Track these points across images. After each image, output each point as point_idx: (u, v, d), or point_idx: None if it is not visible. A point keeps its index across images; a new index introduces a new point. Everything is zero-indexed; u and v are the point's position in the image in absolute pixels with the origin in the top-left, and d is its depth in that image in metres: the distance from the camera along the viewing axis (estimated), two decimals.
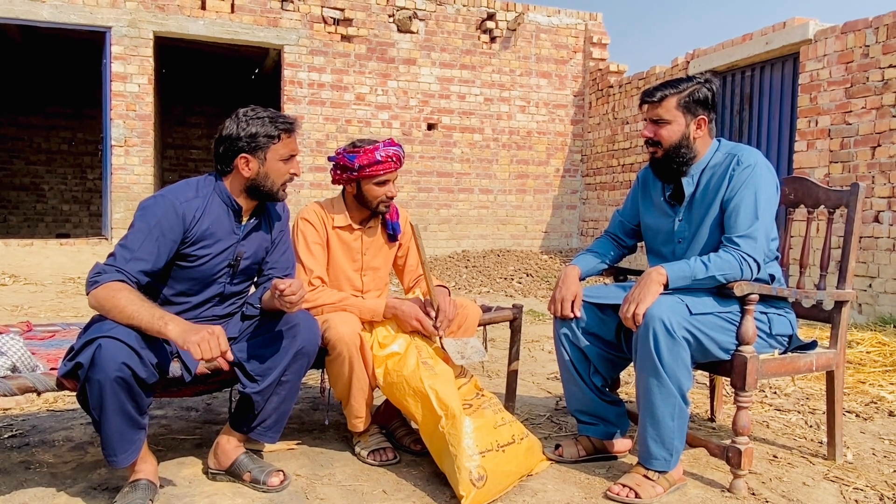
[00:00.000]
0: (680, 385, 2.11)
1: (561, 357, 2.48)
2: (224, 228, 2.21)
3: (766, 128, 7.34)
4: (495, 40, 9.87)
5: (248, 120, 2.17)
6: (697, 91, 2.30)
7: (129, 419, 1.91)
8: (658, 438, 2.14)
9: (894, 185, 5.63)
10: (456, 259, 9.13)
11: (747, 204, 2.21)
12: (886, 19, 5.72)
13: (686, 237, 2.38)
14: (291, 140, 2.23)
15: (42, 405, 3.05)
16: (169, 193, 2.13)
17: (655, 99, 2.31)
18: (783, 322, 2.35)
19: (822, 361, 2.42)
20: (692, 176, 2.35)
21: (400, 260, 2.79)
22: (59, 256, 8.09)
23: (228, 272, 2.26)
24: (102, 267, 1.98)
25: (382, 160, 2.47)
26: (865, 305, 5.84)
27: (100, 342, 1.82)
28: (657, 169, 2.40)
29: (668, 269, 2.17)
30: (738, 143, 2.35)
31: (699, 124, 2.31)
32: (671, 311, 2.09)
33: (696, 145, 2.33)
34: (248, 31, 8.68)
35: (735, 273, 2.16)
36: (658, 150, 2.34)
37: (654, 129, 2.33)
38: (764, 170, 2.25)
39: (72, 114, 12.42)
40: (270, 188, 2.22)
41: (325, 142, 9.08)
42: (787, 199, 2.67)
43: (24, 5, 7.81)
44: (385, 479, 2.29)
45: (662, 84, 2.34)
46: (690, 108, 2.30)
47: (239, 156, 2.17)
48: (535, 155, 10.26)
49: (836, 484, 2.32)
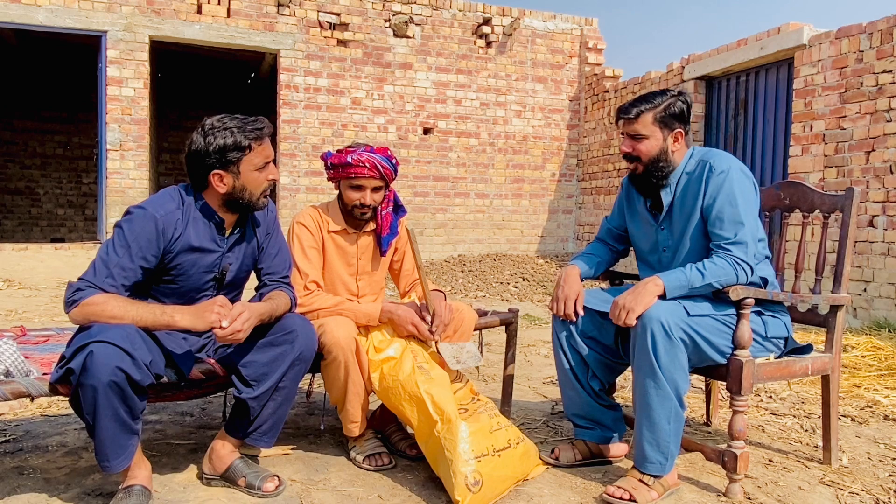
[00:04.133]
0: (677, 387, 2.11)
1: (559, 361, 2.48)
2: (207, 241, 2.17)
3: (760, 133, 7.37)
4: (491, 45, 9.90)
5: (215, 132, 2.08)
6: (672, 105, 2.31)
7: (123, 424, 1.90)
8: (654, 442, 2.14)
9: (889, 189, 5.65)
10: (452, 263, 9.13)
11: (729, 210, 2.21)
12: (880, 25, 5.75)
13: (670, 246, 2.40)
14: (264, 146, 2.15)
15: (36, 410, 3.04)
16: (150, 206, 2.08)
17: (632, 115, 2.32)
18: (778, 324, 2.35)
19: (818, 365, 2.42)
20: (670, 185, 2.37)
21: (396, 264, 2.79)
22: (54, 261, 8.06)
23: (214, 285, 2.24)
24: (80, 284, 1.95)
25: (352, 163, 2.46)
26: (860, 309, 5.85)
27: (91, 348, 1.81)
28: (637, 183, 2.42)
29: (665, 279, 2.18)
30: (710, 149, 2.37)
31: (676, 137, 2.33)
32: (669, 312, 2.10)
33: (674, 158, 2.34)
34: (244, 35, 8.68)
35: (731, 279, 2.17)
36: (638, 166, 2.36)
37: (633, 145, 2.34)
38: (738, 173, 2.26)
39: (67, 118, 12.39)
40: (249, 199, 2.16)
41: (321, 146, 9.08)
42: (783, 204, 2.68)
43: (20, 9, 7.80)
44: (380, 483, 2.28)
45: (638, 99, 2.34)
46: (667, 122, 2.31)
47: (211, 173, 2.10)
48: (531, 159, 10.27)
49: (832, 488, 2.32)
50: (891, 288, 5.61)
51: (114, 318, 1.90)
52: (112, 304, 1.93)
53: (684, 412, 2.16)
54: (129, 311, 1.93)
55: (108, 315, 1.90)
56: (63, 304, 1.96)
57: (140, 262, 2.03)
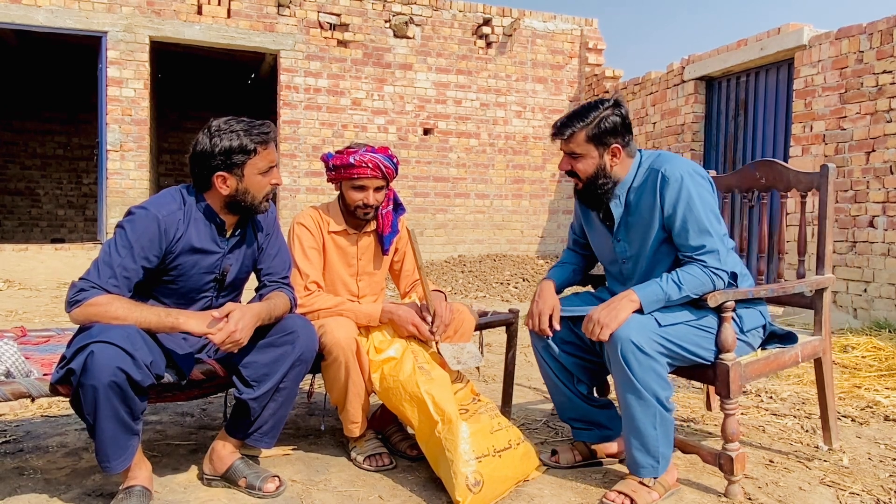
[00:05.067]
0: (657, 394, 2.08)
1: (543, 370, 2.48)
2: (208, 242, 2.17)
3: (761, 133, 7.37)
4: (491, 45, 9.90)
5: (221, 134, 2.09)
6: (604, 120, 2.21)
7: (123, 425, 1.90)
8: (643, 448, 2.13)
9: (889, 190, 5.65)
10: (452, 264, 9.13)
11: (691, 219, 2.16)
12: (880, 25, 5.75)
13: (630, 257, 2.35)
14: (269, 151, 2.16)
15: (36, 411, 3.04)
16: (152, 206, 2.08)
17: (565, 137, 2.25)
18: (753, 315, 2.33)
19: (808, 351, 2.40)
20: (619, 197, 2.31)
21: (396, 265, 2.79)
22: (54, 261, 8.06)
23: (215, 286, 2.24)
24: (82, 284, 1.95)
25: (355, 164, 2.47)
26: (861, 310, 5.85)
27: (92, 348, 1.81)
28: (582, 199, 2.37)
29: (641, 294, 2.13)
30: (659, 154, 2.30)
31: (614, 153, 2.26)
32: (639, 328, 2.06)
33: (615, 171, 2.27)
34: (244, 36, 8.69)
35: (708, 288, 2.14)
36: (579, 183, 2.31)
37: (571, 163, 2.29)
38: (692, 178, 2.20)
39: (67, 118, 12.40)
40: (252, 203, 2.16)
41: (321, 147, 9.09)
42: (759, 184, 2.66)
43: (20, 10, 7.80)
44: (381, 484, 2.28)
45: (570, 116, 2.26)
46: (601, 139, 2.23)
47: (215, 174, 2.10)
48: (531, 160, 10.27)
49: (833, 488, 2.32)
50: (891, 288, 5.61)
51: (117, 320, 1.90)
52: (116, 306, 1.93)
53: (671, 413, 2.13)
54: (133, 313, 1.93)
55: (111, 316, 1.91)
56: (65, 303, 1.96)
57: (142, 262, 2.03)
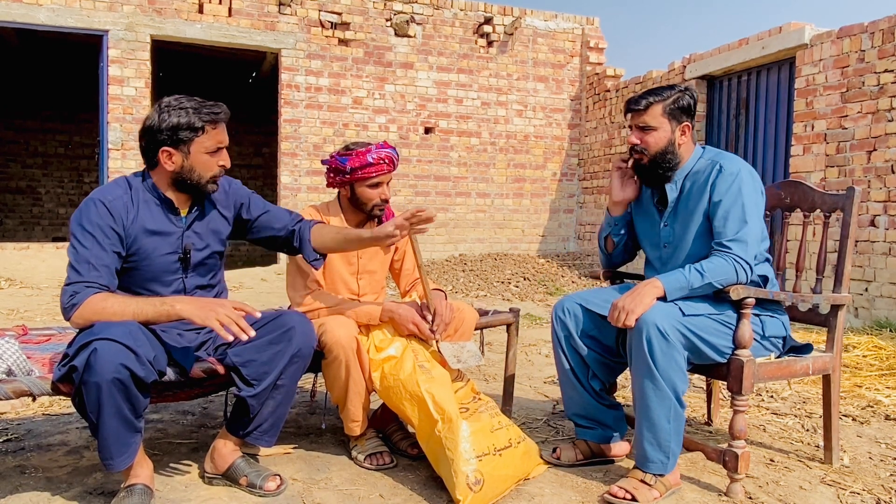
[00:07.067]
0: (675, 386, 2.12)
1: (559, 361, 2.48)
2: (163, 223, 2.16)
3: (762, 132, 7.37)
4: (492, 44, 9.89)
5: (171, 110, 2.09)
6: (681, 98, 2.36)
7: (126, 422, 1.90)
8: (654, 441, 2.15)
9: (890, 189, 5.65)
10: (453, 263, 9.13)
11: (735, 209, 2.24)
12: (882, 24, 5.74)
13: (671, 242, 2.42)
14: (218, 131, 2.15)
15: (38, 409, 3.04)
16: (97, 194, 2.10)
17: (641, 107, 2.36)
18: (776, 324, 2.36)
19: (819, 365, 2.42)
20: (675, 182, 2.40)
21: (396, 263, 2.79)
22: (55, 260, 8.07)
23: (181, 267, 2.21)
24: (73, 288, 1.95)
25: (374, 162, 2.48)
26: (862, 309, 5.85)
27: (95, 345, 1.81)
28: (643, 175, 2.45)
29: (664, 281, 2.19)
30: (722, 151, 2.40)
31: (683, 130, 2.37)
32: (664, 315, 2.11)
33: (681, 151, 2.38)
34: (245, 34, 8.69)
35: (730, 278, 2.18)
36: (644, 157, 2.38)
37: (641, 136, 2.38)
38: (747, 176, 2.28)
39: (68, 117, 12.40)
40: (197, 181, 2.15)
41: (322, 145, 9.09)
42: (783, 203, 2.68)
43: (21, 8, 7.81)
44: (381, 483, 2.29)
45: (647, 92, 2.38)
46: (675, 115, 2.36)
47: (161, 149, 2.11)
48: (532, 159, 10.27)
49: (833, 488, 2.32)
50: (892, 288, 5.61)
51: (115, 315, 1.90)
52: (111, 302, 1.93)
53: (684, 411, 2.16)
54: (130, 307, 1.94)
55: (109, 313, 1.91)
56: (62, 311, 1.95)
57: (112, 248, 2.04)
